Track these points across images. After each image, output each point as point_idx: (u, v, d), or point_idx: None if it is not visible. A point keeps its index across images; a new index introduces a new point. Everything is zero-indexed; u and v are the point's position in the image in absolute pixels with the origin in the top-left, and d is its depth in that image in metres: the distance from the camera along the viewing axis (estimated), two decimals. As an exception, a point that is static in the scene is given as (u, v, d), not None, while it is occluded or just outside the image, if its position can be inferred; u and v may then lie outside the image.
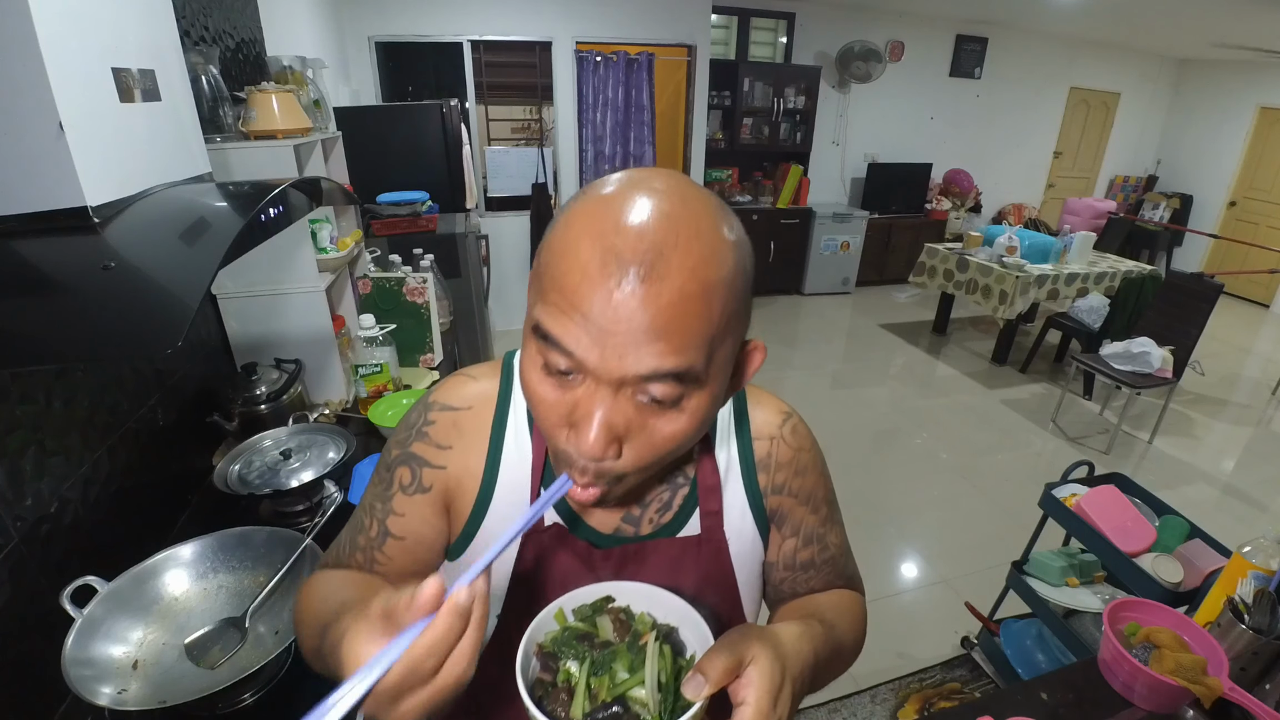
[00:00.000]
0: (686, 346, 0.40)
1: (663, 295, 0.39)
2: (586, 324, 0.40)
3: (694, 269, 0.40)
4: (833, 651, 0.55)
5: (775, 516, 0.65)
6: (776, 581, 0.67)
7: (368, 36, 3.90)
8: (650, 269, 0.39)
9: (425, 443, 0.60)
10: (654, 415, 0.44)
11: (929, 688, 1.95)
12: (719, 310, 0.41)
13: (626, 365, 0.40)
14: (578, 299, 0.40)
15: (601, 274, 0.39)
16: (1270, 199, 6.25)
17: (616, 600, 0.52)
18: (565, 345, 0.41)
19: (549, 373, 0.44)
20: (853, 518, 0.80)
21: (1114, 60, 6.46)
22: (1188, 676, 0.87)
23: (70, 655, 0.78)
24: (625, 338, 0.39)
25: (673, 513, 0.61)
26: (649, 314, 0.39)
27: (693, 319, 0.40)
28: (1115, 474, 1.84)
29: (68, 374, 0.97)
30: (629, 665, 0.46)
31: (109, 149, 0.80)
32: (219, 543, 0.99)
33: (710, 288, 0.40)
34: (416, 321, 1.92)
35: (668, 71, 4.63)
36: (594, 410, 0.42)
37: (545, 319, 0.42)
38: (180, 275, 0.69)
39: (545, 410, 0.45)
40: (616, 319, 0.39)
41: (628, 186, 0.42)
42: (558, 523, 0.60)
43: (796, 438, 0.65)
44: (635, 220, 0.40)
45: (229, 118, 1.38)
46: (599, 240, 0.40)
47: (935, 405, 3.86)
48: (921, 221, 5.94)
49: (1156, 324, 3.46)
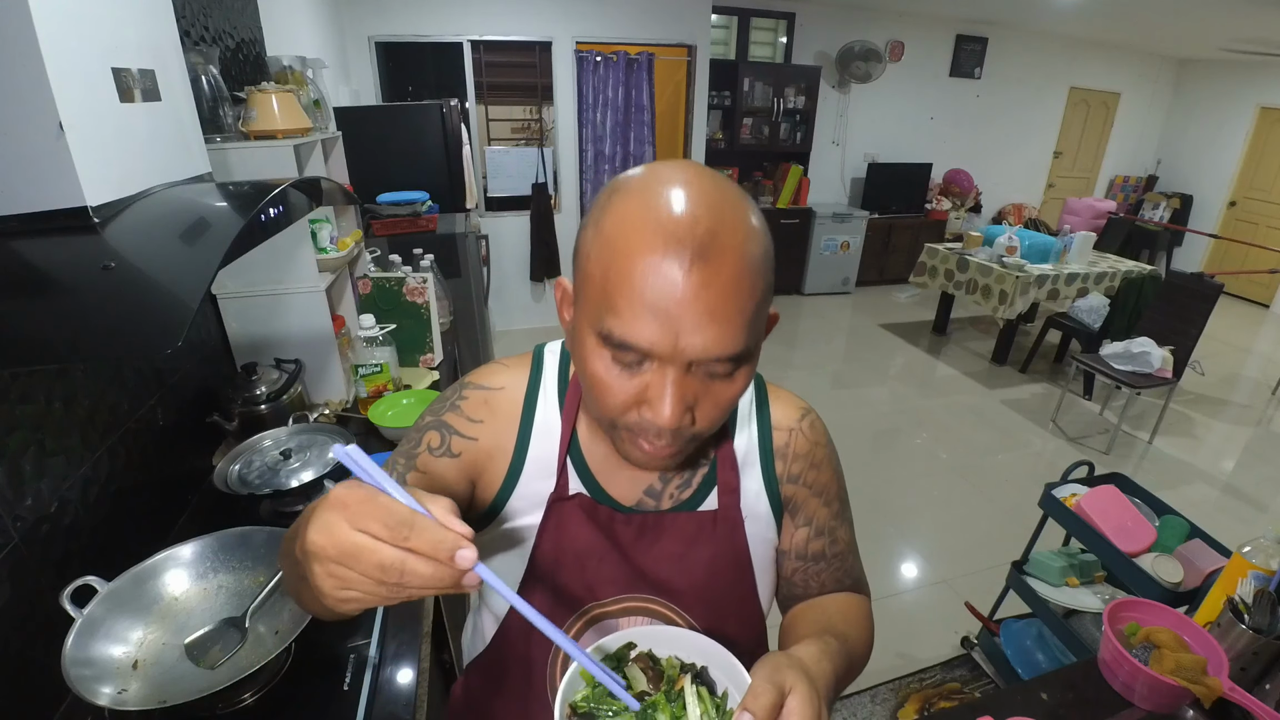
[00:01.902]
0: (743, 325, 0.45)
1: (721, 274, 0.43)
2: (657, 315, 0.43)
3: (740, 247, 0.44)
4: (847, 666, 0.57)
5: (789, 505, 0.67)
6: (788, 573, 0.69)
7: (368, 36, 3.90)
8: (707, 251, 0.42)
9: (457, 414, 0.64)
10: (715, 383, 0.48)
11: (929, 688, 1.95)
12: (761, 285, 0.46)
13: (695, 348, 0.44)
14: (645, 297, 0.43)
15: (665, 264, 0.42)
16: (1270, 199, 6.25)
17: (639, 646, 0.51)
18: (640, 345, 0.45)
19: (618, 364, 0.47)
20: (853, 517, 0.80)
21: (1114, 60, 6.46)
22: (1188, 676, 0.87)
23: (70, 655, 0.77)
24: (692, 321, 0.43)
25: (692, 489, 0.64)
26: (711, 293, 0.43)
27: (745, 296, 0.44)
28: (1115, 474, 1.84)
29: (68, 374, 0.97)
30: (671, 715, 0.46)
31: (109, 149, 0.80)
32: (219, 543, 0.99)
33: (755, 265, 0.45)
34: (416, 321, 1.92)
35: (668, 71, 4.63)
36: (666, 388, 0.46)
37: (616, 326, 0.45)
38: (180, 275, 0.69)
39: (613, 397, 0.49)
40: (684, 303, 0.43)
41: (663, 182, 0.46)
42: (581, 492, 0.62)
43: (814, 432, 0.69)
44: (683, 210, 0.43)
45: (229, 118, 1.38)
46: (657, 233, 0.43)
47: (935, 405, 3.86)
48: (921, 221, 5.94)
49: (1156, 324, 3.46)
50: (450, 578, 0.35)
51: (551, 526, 0.62)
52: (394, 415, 1.54)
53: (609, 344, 0.46)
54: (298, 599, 0.49)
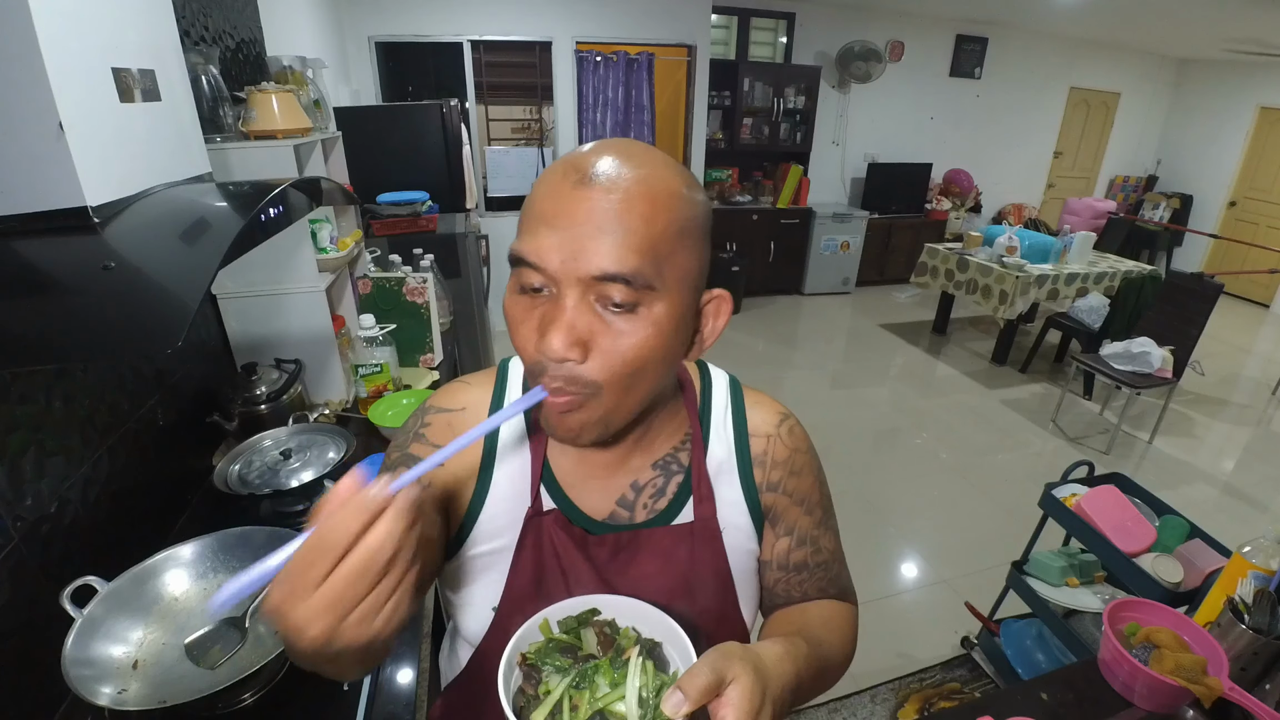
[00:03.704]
0: (634, 245, 0.45)
1: (612, 195, 0.45)
2: (549, 231, 0.46)
3: (641, 180, 0.46)
4: (817, 670, 0.55)
5: (770, 514, 0.66)
6: (770, 584, 0.68)
7: (368, 36, 3.90)
8: (601, 175, 0.45)
9: (421, 443, 0.62)
10: (615, 322, 0.47)
11: (929, 688, 1.95)
12: (663, 220, 0.46)
13: (582, 263, 0.45)
14: (541, 211, 0.46)
15: (561, 184, 0.46)
16: (1270, 199, 6.25)
17: (602, 613, 0.52)
18: (530, 258, 0.46)
19: (524, 291, 0.49)
20: (853, 518, 0.80)
21: (1114, 60, 6.46)
22: (1188, 676, 0.87)
23: (70, 655, 0.78)
24: (580, 234, 0.45)
25: (667, 499, 0.62)
26: (600, 211, 0.45)
27: (638, 220, 0.45)
28: (1115, 474, 1.84)
29: (68, 374, 0.97)
30: (611, 680, 0.46)
31: (109, 149, 0.80)
32: (219, 543, 0.99)
33: (655, 197, 0.46)
34: (416, 321, 1.92)
35: (668, 71, 4.63)
36: (557, 314, 0.46)
37: (516, 244, 0.48)
38: (180, 275, 0.69)
39: (520, 329, 0.49)
40: (573, 218, 0.45)
41: (593, 142, 0.50)
42: (554, 509, 0.61)
43: (793, 438, 0.67)
44: (598, 149, 0.48)
45: (229, 118, 1.38)
46: (562, 164, 0.48)
47: (935, 405, 3.86)
48: (921, 221, 5.94)
49: (1156, 324, 3.46)
50: (380, 509, 0.35)
51: (529, 545, 0.60)
52: (394, 415, 1.54)
53: (514, 266, 0.48)
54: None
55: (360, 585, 0.35)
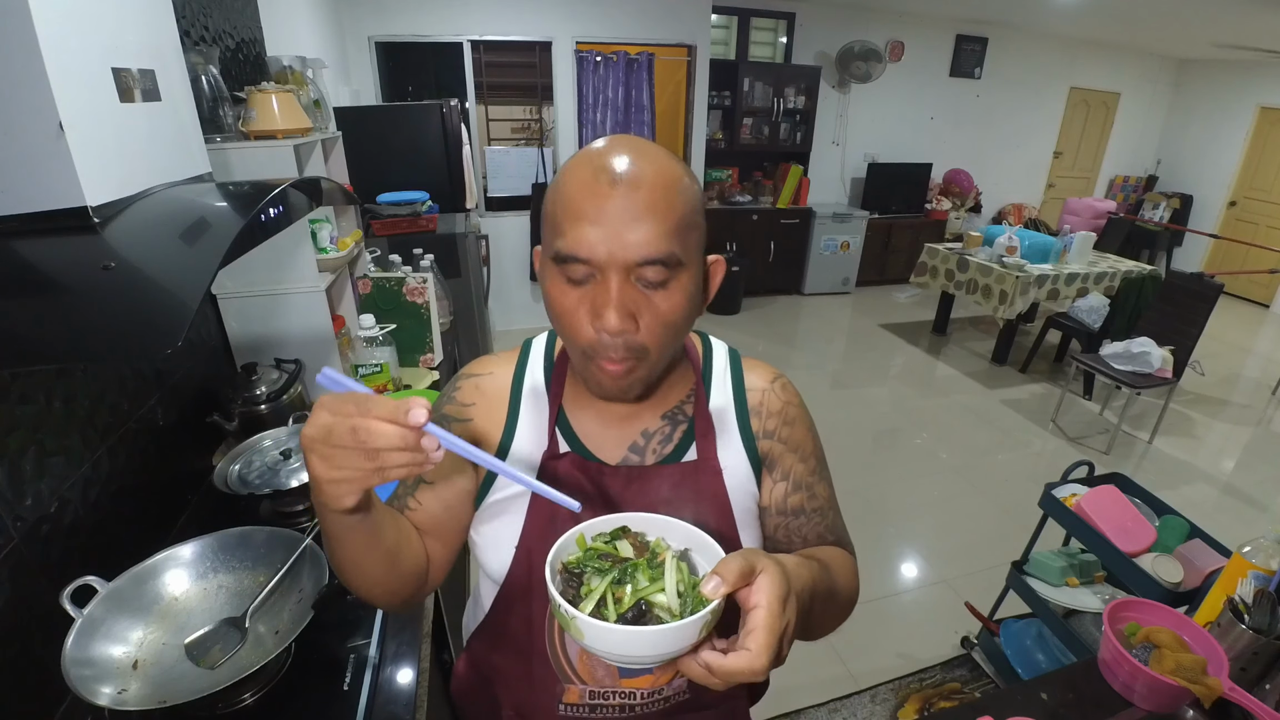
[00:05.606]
0: (665, 232, 0.53)
1: (640, 189, 0.53)
2: (592, 227, 0.53)
3: (659, 172, 0.54)
4: (828, 590, 0.60)
5: (767, 460, 0.71)
6: (771, 530, 0.72)
7: (368, 36, 3.90)
8: (628, 173, 0.53)
9: (453, 404, 0.71)
10: (654, 295, 0.56)
11: (929, 688, 1.95)
12: (681, 205, 0.55)
13: (625, 252, 0.53)
14: (581, 210, 0.53)
15: (595, 184, 0.53)
16: (1270, 199, 6.25)
17: (632, 529, 0.57)
18: (580, 254, 0.53)
19: (570, 282, 0.56)
20: (853, 518, 0.81)
21: (1114, 60, 6.46)
22: (1188, 676, 0.87)
23: (70, 655, 0.77)
24: (621, 227, 0.52)
25: (674, 444, 0.69)
26: (634, 203, 0.53)
27: (665, 207, 0.54)
28: (1115, 474, 1.84)
29: (68, 374, 0.97)
30: (650, 577, 0.51)
31: (109, 149, 0.80)
32: (219, 543, 0.99)
33: (671, 186, 0.54)
34: (416, 321, 1.92)
35: (668, 71, 4.63)
36: (609, 295, 0.54)
37: (562, 244, 0.54)
38: (180, 275, 0.69)
39: (572, 317, 0.56)
40: (611, 213, 0.52)
41: (603, 140, 0.58)
42: (569, 451, 0.68)
43: (786, 392, 0.74)
44: (611, 150, 0.55)
45: (229, 118, 1.38)
46: (589, 167, 0.54)
47: (935, 405, 3.86)
48: (921, 221, 5.94)
49: (1156, 324, 3.46)
50: (411, 438, 0.43)
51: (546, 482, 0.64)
52: (394, 415, 1.54)
53: (559, 263, 0.55)
54: (330, 555, 0.59)
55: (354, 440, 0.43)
